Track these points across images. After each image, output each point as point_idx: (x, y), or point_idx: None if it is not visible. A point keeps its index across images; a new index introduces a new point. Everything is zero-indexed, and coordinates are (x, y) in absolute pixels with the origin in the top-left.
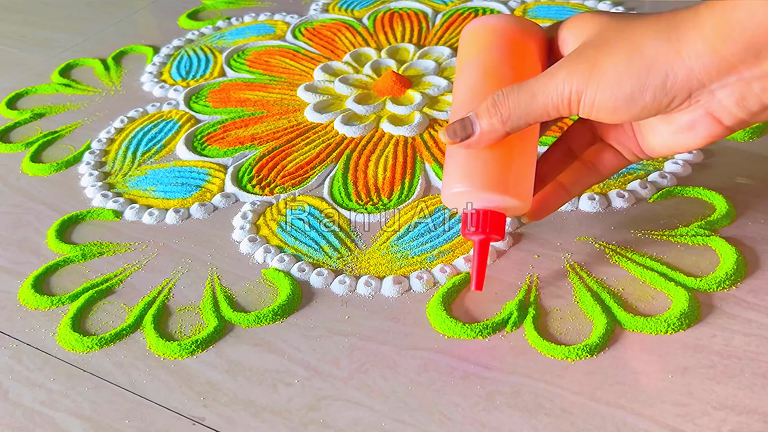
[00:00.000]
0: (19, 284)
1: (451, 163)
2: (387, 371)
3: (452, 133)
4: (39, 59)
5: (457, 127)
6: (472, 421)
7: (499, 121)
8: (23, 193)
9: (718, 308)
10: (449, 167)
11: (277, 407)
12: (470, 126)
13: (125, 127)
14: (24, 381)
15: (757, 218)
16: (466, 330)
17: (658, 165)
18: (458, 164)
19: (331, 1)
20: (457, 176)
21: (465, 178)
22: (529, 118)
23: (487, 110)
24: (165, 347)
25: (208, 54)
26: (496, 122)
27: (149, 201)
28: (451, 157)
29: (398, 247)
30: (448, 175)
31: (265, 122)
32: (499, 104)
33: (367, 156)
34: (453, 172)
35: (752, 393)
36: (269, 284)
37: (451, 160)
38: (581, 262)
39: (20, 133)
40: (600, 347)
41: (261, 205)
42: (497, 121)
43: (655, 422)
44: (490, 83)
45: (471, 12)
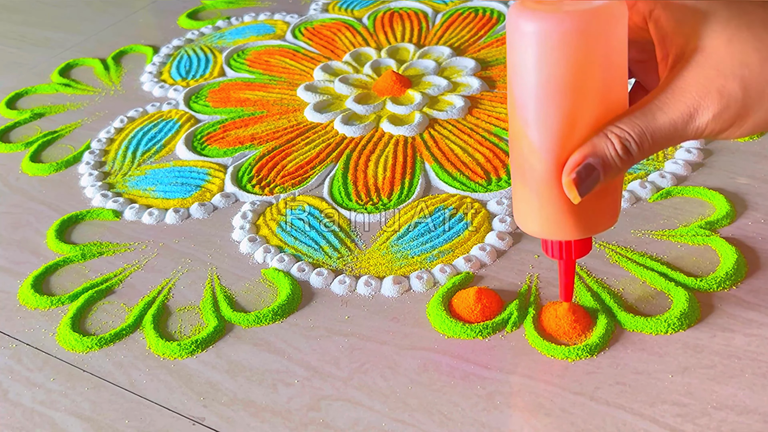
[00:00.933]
0: (18, 284)
1: (532, 193)
2: (387, 371)
3: (585, 190)
4: (39, 59)
5: (585, 179)
6: (472, 421)
7: (628, 166)
8: (23, 193)
9: (718, 308)
10: (527, 197)
11: (277, 407)
12: (597, 177)
13: (125, 127)
14: (24, 381)
15: (757, 218)
16: (466, 330)
17: (658, 165)
18: (546, 204)
19: (331, 1)
20: (547, 221)
21: (560, 223)
22: (652, 155)
23: (618, 158)
24: (165, 347)
25: (207, 54)
26: (625, 168)
27: (149, 201)
28: (528, 184)
29: (398, 247)
30: (530, 211)
31: (265, 122)
32: (632, 151)
33: (367, 156)
34: (539, 211)
35: (752, 393)
36: (269, 284)
37: (527, 186)
38: (581, 262)
39: (20, 133)
40: (600, 347)
41: (261, 205)
42: (626, 167)
43: (655, 422)
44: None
45: (471, 12)
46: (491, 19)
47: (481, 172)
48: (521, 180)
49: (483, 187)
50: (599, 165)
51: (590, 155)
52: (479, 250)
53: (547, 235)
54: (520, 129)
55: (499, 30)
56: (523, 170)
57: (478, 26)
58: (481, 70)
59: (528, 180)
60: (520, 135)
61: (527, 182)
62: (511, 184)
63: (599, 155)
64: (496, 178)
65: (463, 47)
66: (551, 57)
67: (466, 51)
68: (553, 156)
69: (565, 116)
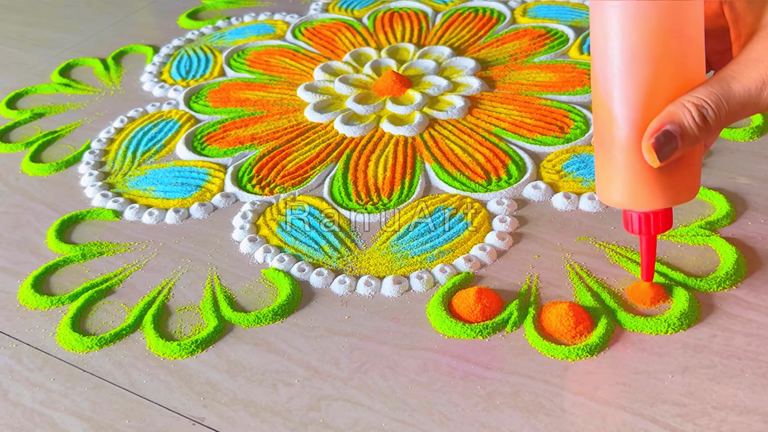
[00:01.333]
0: (18, 284)
1: (615, 162)
2: (387, 371)
3: (664, 156)
4: (39, 59)
5: (665, 145)
6: (472, 421)
7: (705, 134)
8: (23, 193)
9: (718, 308)
10: (611, 167)
11: (277, 407)
12: (675, 143)
13: (125, 127)
14: (24, 381)
15: (757, 218)
16: (466, 330)
17: None
18: (629, 170)
19: (331, 1)
20: (630, 188)
21: (642, 191)
22: (728, 125)
23: (695, 125)
24: (165, 347)
25: (207, 54)
26: (702, 136)
27: (149, 201)
28: (613, 154)
29: (398, 247)
30: (613, 180)
31: (265, 122)
32: (709, 119)
33: (367, 156)
34: (621, 178)
35: (752, 393)
36: (269, 284)
37: (611, 157)
38: (581, 262)
39: (20, 133)
40: (600, 347)
41: (261, 205)
42: (704, 136)
43: (655, 422)
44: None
45: (471, 12)
46: (491, 19)
47: (481, 172)
48: (604, 150)
49: (483, 187)
50: (677, 132)
51: (668, 122)
52: (479, 250)
53: (629, 204)
54: (602, 100)
55: (499, 30)
56: (605, 140)
57: (478, 26)
58: (481, 70)
59: (610, 149)
60: (601, 105)
61: (609, 152)
62: (594, 158)
63: (677, 122)
64: (496, 178)
65: (463, 47)
66: (631, 26)
67: (466, 51)
68: (634, 124)
69: (645, 85)
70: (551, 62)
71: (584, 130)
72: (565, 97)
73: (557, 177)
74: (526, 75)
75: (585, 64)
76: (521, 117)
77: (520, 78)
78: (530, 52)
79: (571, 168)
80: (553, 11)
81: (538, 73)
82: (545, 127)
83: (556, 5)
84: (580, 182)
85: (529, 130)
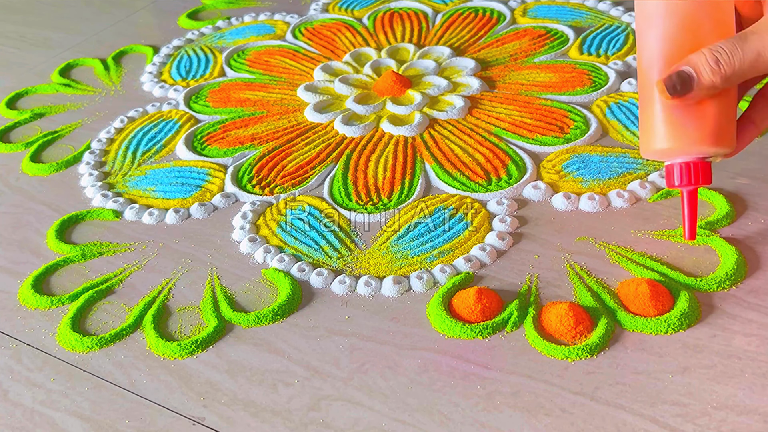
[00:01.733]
0: (19, 284)
1: (654, 113)
2: (387, 371)
3: (672, 88)
4: (39, 59)
5: (677, 82)
6: (472, 421)
7: (721, 79)
8: (23, 193)
9: (718, 308)
10: (652, 118)
11: (277, 407)
12: (689, 82)
13: (125, 127)
14: (24, 381)
15: (757, 218)
16: (466, 330)
17: (658, 165)
18: (665, 116)
19: (331, 1)
20: (666, 131)
21: (677, 133)
22: (748, 76)
23: (709, 67)
24: (165, 347)
25: (208, 54)
26: (718, 81)
27: (149, 201)
28: (652, 107)
29: (398, 247)
30: (654, 128)
31: (265, 122)
32: (722, 63)
33: (367, 156)
34: (660, 125)
35: (752, 393)
36: (269, 284)
37: (652, 109)
38: (581, 262)
39: (20, 133)
40: (600, 347)
41: (261, 205)
42: (719, 79)
43: (655, 422)
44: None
45: (471, 12)
46: (491, 19)
47: (481, 172)
48: (645, 104)
49: (483, 187)
50: (691, 72)
51: (684, 64)
52: (479, 250)
53: (669, 149)
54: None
55: (499, 30)
56: (646, 94)
57: (478, 26)
58: (481, 70)
59: (650, 101)
60: (644, 65)
61: (650, 104)
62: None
63: (692, 63)
64: (496, 178)
65: (463, 47)
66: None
67: (466, 51)
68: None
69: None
70: (551, 62)
71: (584, 130)
72: (565, 97)
73: (557, 177)
74: (526, 75)
75: (585, 65)
76: (521, 117)
77: (520, 78)
78: (530, 52)
79: (571, 168)
80: (553, 11)
81: (538, 74)
82: (545, 127)
83: (556, 5)
84: (580, 182)
85: (529, 131)
